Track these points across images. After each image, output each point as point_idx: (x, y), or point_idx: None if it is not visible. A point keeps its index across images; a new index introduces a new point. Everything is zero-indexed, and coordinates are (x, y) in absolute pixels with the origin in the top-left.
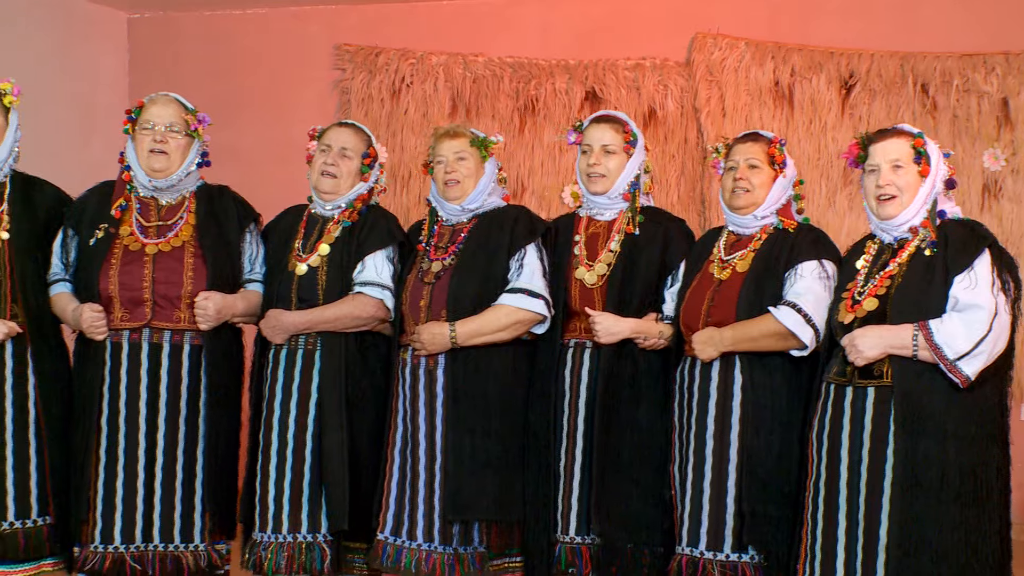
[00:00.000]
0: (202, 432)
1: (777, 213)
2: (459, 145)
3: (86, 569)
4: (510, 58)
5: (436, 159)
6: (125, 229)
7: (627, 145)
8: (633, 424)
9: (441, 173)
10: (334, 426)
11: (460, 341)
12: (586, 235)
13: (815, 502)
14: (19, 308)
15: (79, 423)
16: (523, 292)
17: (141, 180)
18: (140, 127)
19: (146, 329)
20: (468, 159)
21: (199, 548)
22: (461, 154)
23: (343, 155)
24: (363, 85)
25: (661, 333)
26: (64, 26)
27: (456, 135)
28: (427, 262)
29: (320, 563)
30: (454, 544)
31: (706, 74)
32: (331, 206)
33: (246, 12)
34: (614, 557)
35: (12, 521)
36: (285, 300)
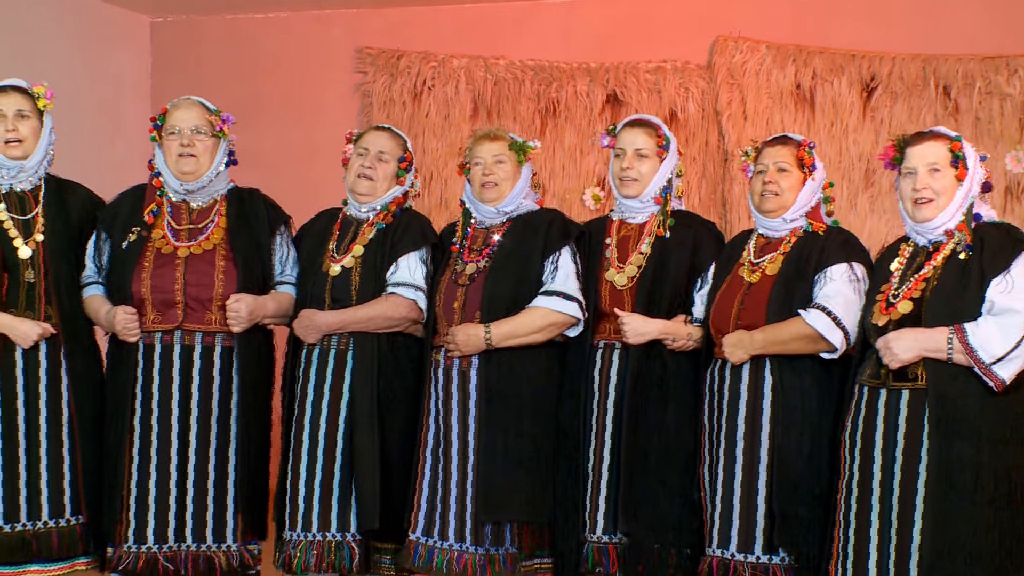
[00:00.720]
0: (234, 433)
1: (806, 216)
2: (498, 148)
3: (120, 568)
4: (531, 61)
5: (474, 161)
6: (157, 232)
7: (660, 149)
8: (661, 425)
9: (478, 175)
10: (365, 426)
11: (495, 343)
12: (617, 238)
13: (847, 503)
14: (53, 310)
15: (112, 424)
16: (558, 295)
17: (172, 185)
18: (166, 133)
19: (178, 331)
20: (506, 162)
21: (231, 548)
22: (500, 157)
23: (380, 159)
24: (385, 88)
25: (690, 335)
26: (89, 30)
27: (495, 138)
28: (461, 264)
29: (349, 562)
30: (486, 544)
31: (727, 77)
32: (366, 208)
33: (268, 16)
34: (641, 557)
35: (46, 520)
36: (318, 300)
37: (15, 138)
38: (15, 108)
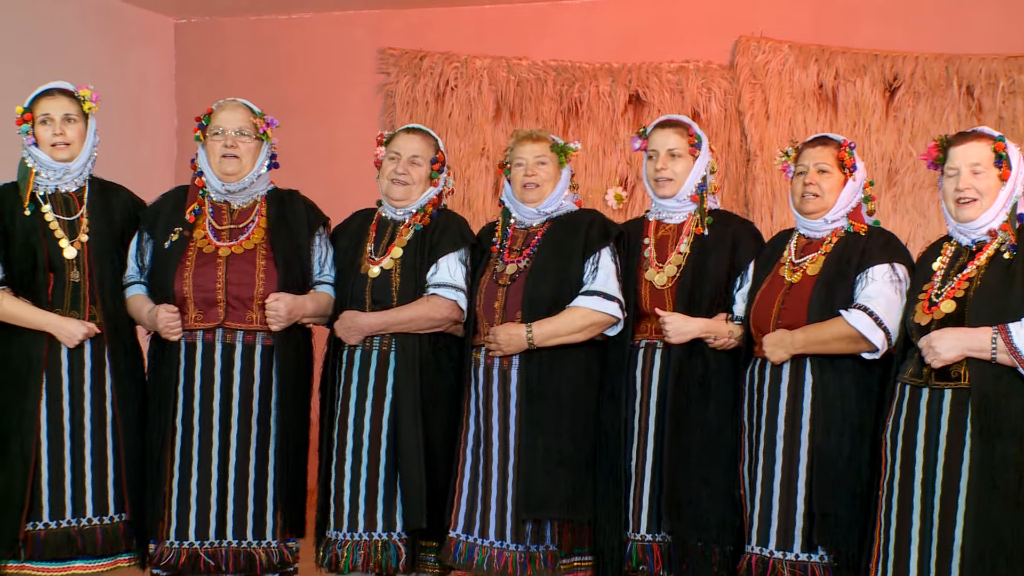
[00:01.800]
0: (274, 431)
1: (847, 216)
2: (540, 149)
3: (162, 564)
4: (553, 61)
5: (516, 161)
6: (199, 232)
7: (692, 148)
8: (703, 423)
9: (520, 175)
10: (410, 426)
11: (537, 342)
12: (655, 238)
13: (888, 503)
14: (97, 310)
15: (154, 422)
16: (598, 295)
17: (214, 185)
18: (210, 133)
19: (219, 329)
20: (548, 164)
21: (271, 545)
22: (542, 158)
23: (412, 162)
24: (407, 89)
25: (731, 333)
26: (114, 32)
27: (538, 139)
28: (501, 264)
29: (396, 561)
30: (526, 542)
31: (750, 77)
32: (402, 211)
33: (291, 17)
34: (684, 555)
35: (91, 517)
36: (359, 302)
37: (62, 140)
38: (62, 111)
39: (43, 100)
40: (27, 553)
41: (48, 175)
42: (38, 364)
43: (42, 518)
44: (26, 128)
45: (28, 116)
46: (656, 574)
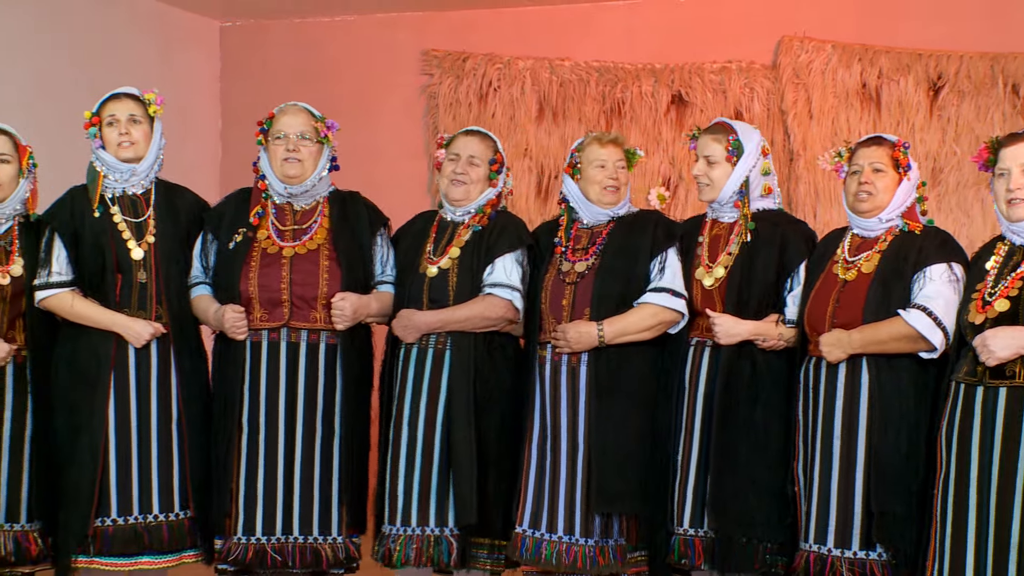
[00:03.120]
0: (338, 428)
1: (902, 215)
2: (619, 154)
3: (229, 560)
4: (596, 62)
5: (597, 163)
6: (262, 233)
7: (728, 155)
8: (750, 422)
9: (602, 177)
10: (463, 423)
11: (608, 340)
12: (709, 236)
13: (944, 501)
14: (163, 310)
15: (221, 420)
16: (668, 291)
17: (276, 188)
18: (272, 137)
19: (284, 329)
20: (626, 168)
21: (337, 541)
22: (621, 162)
23: (471, 163)
24: (450, 90)
25: (781, 335)
26: (160, 35)
27: (618, 143)
28: (567, 263)
29: (447, 556)
30: (595, 536)
31: (792, 77)
32: (461, 211)
33: (335, 19)
34: (729, 551)
35: (157, 514)
36: (416, 301)
37: (128, 141)
38: (128, 114)
39: (110, 103)
40: (96, 548)
41: (115, 177)
42: (106, 363)
43: (110, 514)
44: (93, 131)
45: (96, 120)
46: (697, 568)
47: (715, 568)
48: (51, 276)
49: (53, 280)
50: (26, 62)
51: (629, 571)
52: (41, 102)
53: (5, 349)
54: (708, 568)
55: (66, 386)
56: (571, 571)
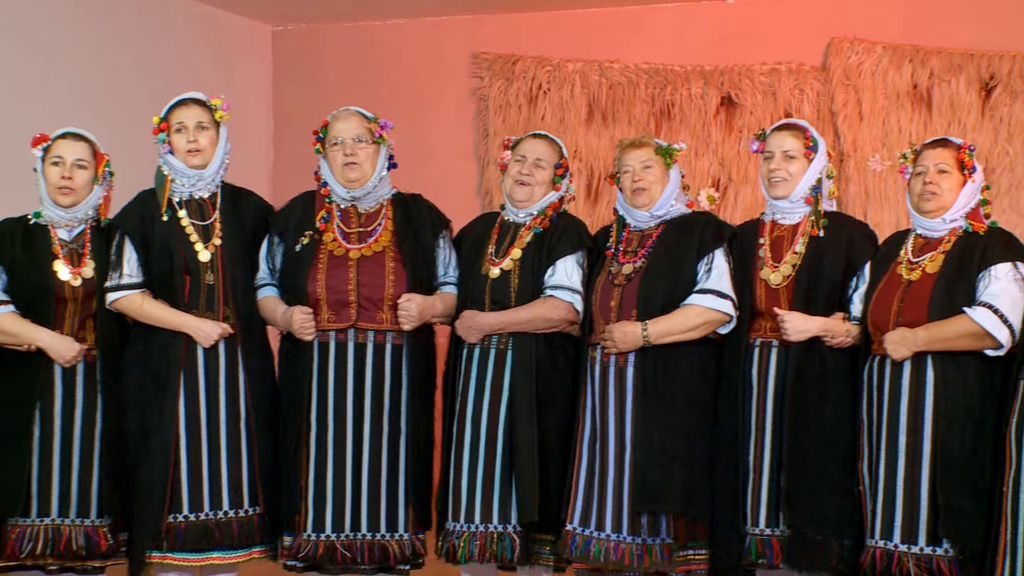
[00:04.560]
0: (404, 427)
1: (966, 216)
2: (644, 154)
3: (299, 556)
4: (646, 64)
5: (623, 170)
6: (328, 236)
7: (807, 151)
8: (820, 420)
9: (628, 182)
10: (525, 422)
11: (652, 340)
12: (771, 238)
13: (1015, 497)
14: (231, 311)
15: (288, 419)
16: (712, 293)
17: (339, 193)
18: (329, 144)
19: (351, 330)
20: (654, 167)
21: (403, 537)
22: (647, 163)
23: (537, 165)
24: (500, 92)
25: (848, 332)
26: (216, 40)
27: (641, 145)
28: (616, 265)
29: (510, 553)
30: (642, 535)
31: (843, 78)
32: (524, 213)
33: (386, 23)
34: (804, 549)
35: (227, 510)
36: (479, 302)
37: (195, 148)
38: (195, 120)
39: (177, 109)
40: (169, 544)
41: (183, 182)
42: (176, 363)
43: (182, 510)
44: (162, 137)
45: (164, 126)
46: (775, 567)
47: (792, 566)
48: (122, 278)
49: (124, 282)
50: (83, 67)
51: (677, 569)
52: (98, 106)
53: (76, 349)
54: (786, 567)
55: (137, 386)
56: (618, 569)
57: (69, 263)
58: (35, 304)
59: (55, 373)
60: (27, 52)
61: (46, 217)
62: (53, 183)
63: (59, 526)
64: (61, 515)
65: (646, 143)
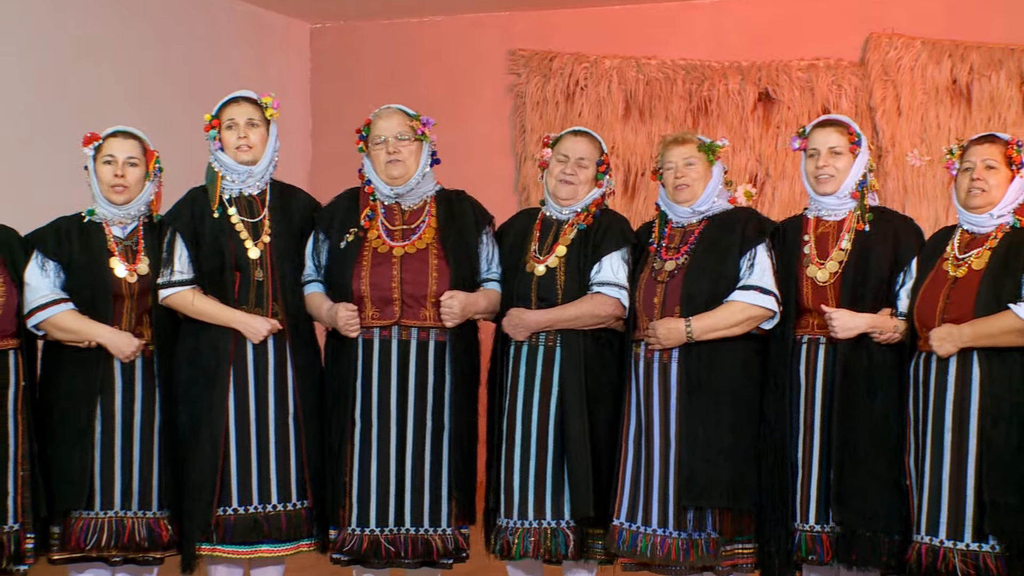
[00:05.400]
0: (447, 423)
1: (1014, 212)
2: (687, 151)
3: (344, 550)
4: (683, 60)
5: (665, 166)
6: (373, 233)
7: (852, 145)
8: (869, 416)
9: (671, 178)
10: (575, 418)
11: (695, 336)
12: (815, 235)
13: None
14: (279, 307)
15: (334, 414)
16: (755, 289)
17: (383, 191)
18: (372, 143)
19: (395, 327)
20: (696, 164)
21: (447, 532)
22: (689, 159)
23: (579, 164)
24: (537, 89)
25: (896, 328)
26: (256, 37)
27: (683, 142)
28: (659, 262)
29: (565, 548)
30: (688, 529)
31: (881, 73)
32: (567, 210)
33: (423, 20)
34: (854, 544)
35: (275, 504)
36: (525, 299)
37: (246, 145)
38: (246, 117)
39: (229, 107)
40: (218, 536)
41: (233, 179)
42: (226, 358)
43: (231, 504)
44: (213, 134)
45: (215, 123)
46: (826, 564)
47: (842, 562)
48: (173, 275)
49: (175, 278)
50: (127, 64)
51: (724, 563)
52: (144, 104)
53: (135, 344)
54: (836, 563)
55: (187, 381)
56: (665, 563)
57: (125, 260)
58: (94, 301)
59: (115, 369)
60: (78, 51)
61: (100, 215)
62: (106, 181)
63: (122, 518)
64: (124, 507)
65: (689, 139)
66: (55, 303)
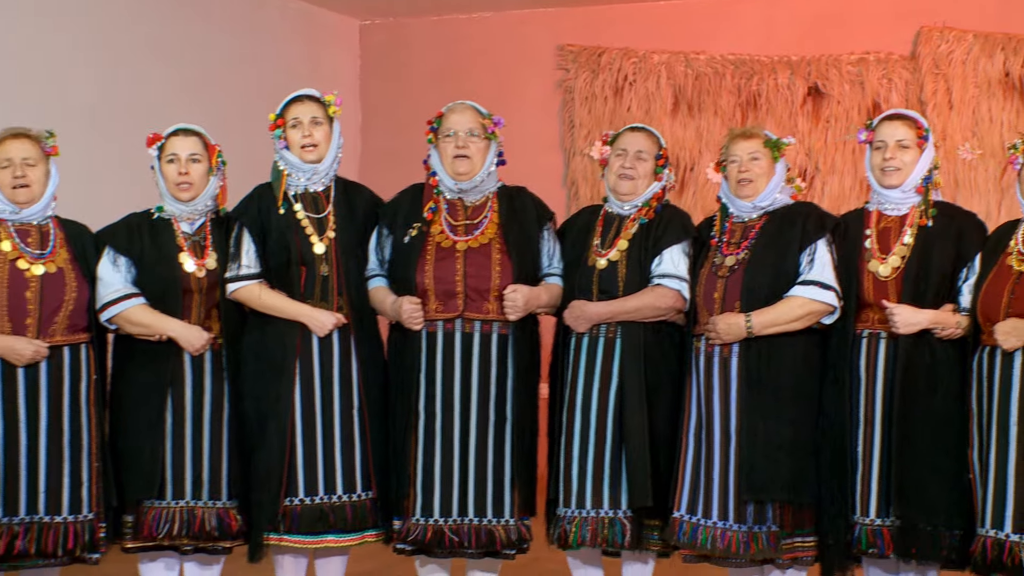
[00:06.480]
0: (509, 415)
1: None
2: (752, 146)
3: (409, 539)
4: (732, 55)
5: (730, 159)
6: (436, 227)
7: (920, 140)
8: (930, 411)
9: (735, 172)
10: (635, 409)
11: (755, 331)
12: (877, 229)
13: None
14: (344, 301)
15: (398, 406)
16: (815, 284)
17: (447, 184)
18: (442, 135)
19: (458, 320)
20: (761, 159)
21: (509, 523)
22: (755, 154)
23: (639, 158)
24: (586, 84)
25: (958, 323)
26: (307, 34)
27: (750, 136)
28: (720, 257)
29: (621, 537)
30: (748, 522)
31: (932, 67)
32: (628, 205)
33: (471, 16)
34: (915, 539)
35: (340, 494)
36: (586, 292)
37: (311, 143)
38: (310, 115)
39: (293, 106)
40: (285, 526)
41: (298, 176)
42: (292, 352)
43: (298, 494)
44: (278, 133)
45: (280, 122)
46: (886, 557)
47: (902, 556)
48: (240, 269)
49: (242, 273)
50: (184, 61)
51: (784, 556)
52: (197, 99)
53: (204, 338)
54: (896, 557)
55: (254, 373)
56: (725, 556)
57: (193, 255)
58: (164, 296)
59: (185, 362)
60: (138, 49)
61: (168, 212)
62: (172, 179)
63: (193, 508)
64: (194, 497)
65: (756, 134)
66: (127, 297)
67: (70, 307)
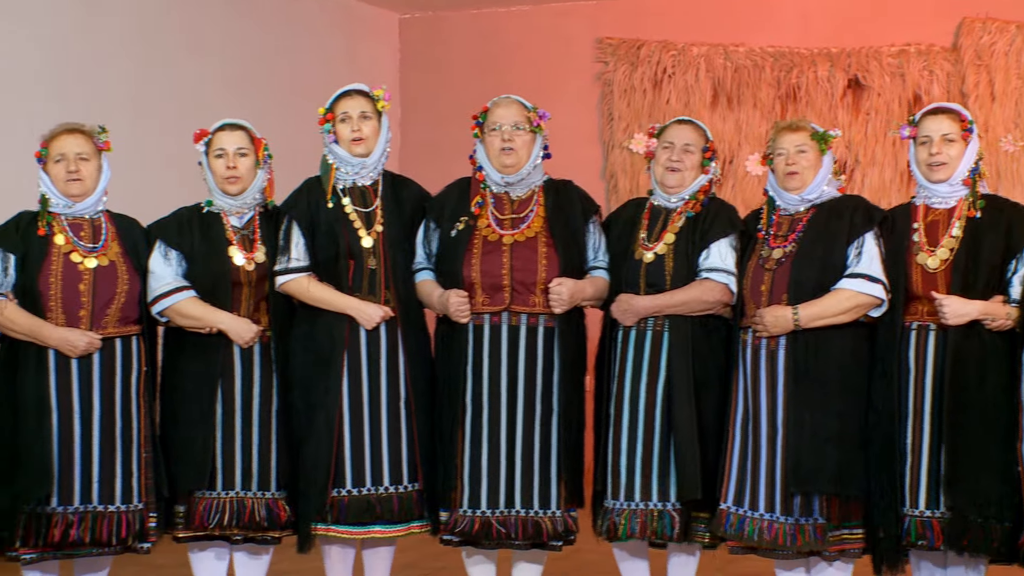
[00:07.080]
0: (555, 407)
1: None
2: (799, 138)
3: (456, 531)
4: (771, 47)
5: (776, 152)
6: (482, 221)
7: (965, 132)
8: (981, 402)
9: (782, 164)
10: (684, 402)
11: (803, 324)
12: (925, 222)
13: None
14: (391, 294)
15: (445, 399)
16: (863, 277)
17: (494, 178)
18: (488, 129)
19: (505, 313)
20: (808, 151)
21: (556, 514)
22: (801, 147)
23: (686, 151)
24: (625, 77)
25: (1008, 315)
26: (346, 28)
27: (797, 129)
28: (767, 249)
29: (670, 530)
30: (795, 515)
31: (974, 59)
32: (675, 198)
33: (511, 9)
34: (965, 531)
35: (387, 486)
36: (633, 286)
37: (359, 137)
38: (359, 110)
39: (342, 100)
40: (333, 517)
41: (347, 170)
42: (340, 344)
43: (345, 485)
44: (327, 127)
45: (329, 116)
46: (936, 549)
47: (952, 548)
48: (290, 262)
49: (292, 265)
50: (225, 55)
51: (831, 548)
52: (238, 93)
53: (253, 330)
54: (946, 549)
55: (303, 365)
56: (772, 547)
57: (243, 248)
58: (214, 289)
59: (234, 354)
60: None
61: (217, 206)
62: (220, 174)
63: (243, 498)
64: (244, 488)
65: (803, 127)
66: (178, 290)
67: (122, 300)
